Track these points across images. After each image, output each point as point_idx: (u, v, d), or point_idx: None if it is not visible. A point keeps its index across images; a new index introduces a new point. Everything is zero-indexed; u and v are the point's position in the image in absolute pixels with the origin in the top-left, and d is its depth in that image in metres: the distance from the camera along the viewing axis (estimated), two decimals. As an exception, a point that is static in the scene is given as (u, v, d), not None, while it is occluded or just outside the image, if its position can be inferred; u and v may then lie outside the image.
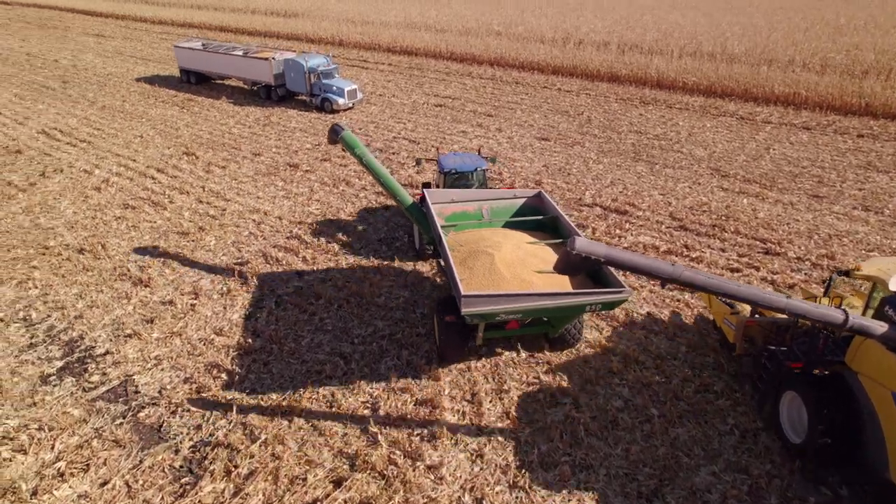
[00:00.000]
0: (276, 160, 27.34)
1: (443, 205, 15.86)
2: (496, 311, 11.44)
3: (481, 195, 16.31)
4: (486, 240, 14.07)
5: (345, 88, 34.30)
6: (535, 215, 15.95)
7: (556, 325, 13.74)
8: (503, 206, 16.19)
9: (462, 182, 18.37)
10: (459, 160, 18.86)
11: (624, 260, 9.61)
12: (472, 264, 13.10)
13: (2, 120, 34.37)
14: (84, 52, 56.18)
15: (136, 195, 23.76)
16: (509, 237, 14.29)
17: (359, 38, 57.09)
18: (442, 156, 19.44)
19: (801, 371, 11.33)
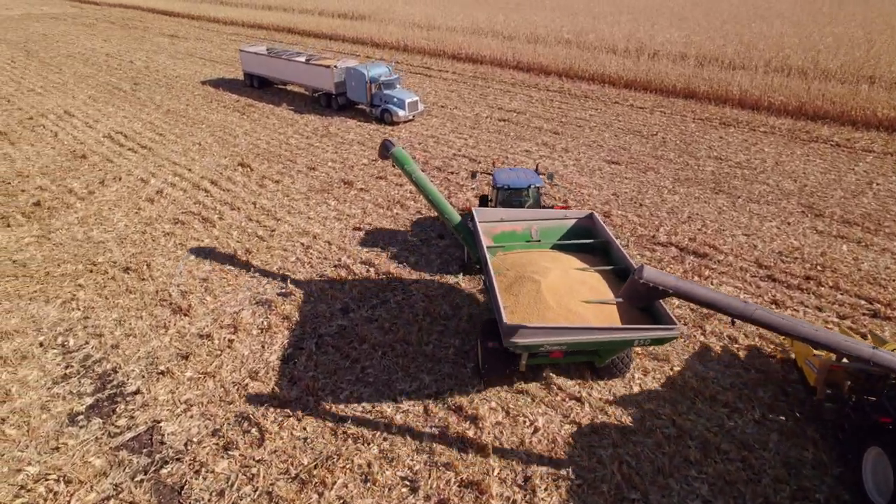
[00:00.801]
0: (330, 176, 26.39)
1: (491, 224, 15.64)
2: (539, 344, 11.13)
3: (530, 215, 15.94)
4: (533, 264, 13.65)
5: (406, 100, 33.13)
6: (585, 238, 15.59)
7: (602, 356, 13.15)
8: (553, 226, 15.83)
9: (515, 199, 18.07)
10: (514, 175, 18.50)
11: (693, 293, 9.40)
12: (518, 291, 12.75)
13: (74, 122, 35.00)
14: (157, 54, 57.50)
15: (187, 209, 23.24)
16: (557, 262, 13.84)
17: (424, 44, 56.03)
18: (497, 170, 19.05)
19: (891, 426, 10.30)
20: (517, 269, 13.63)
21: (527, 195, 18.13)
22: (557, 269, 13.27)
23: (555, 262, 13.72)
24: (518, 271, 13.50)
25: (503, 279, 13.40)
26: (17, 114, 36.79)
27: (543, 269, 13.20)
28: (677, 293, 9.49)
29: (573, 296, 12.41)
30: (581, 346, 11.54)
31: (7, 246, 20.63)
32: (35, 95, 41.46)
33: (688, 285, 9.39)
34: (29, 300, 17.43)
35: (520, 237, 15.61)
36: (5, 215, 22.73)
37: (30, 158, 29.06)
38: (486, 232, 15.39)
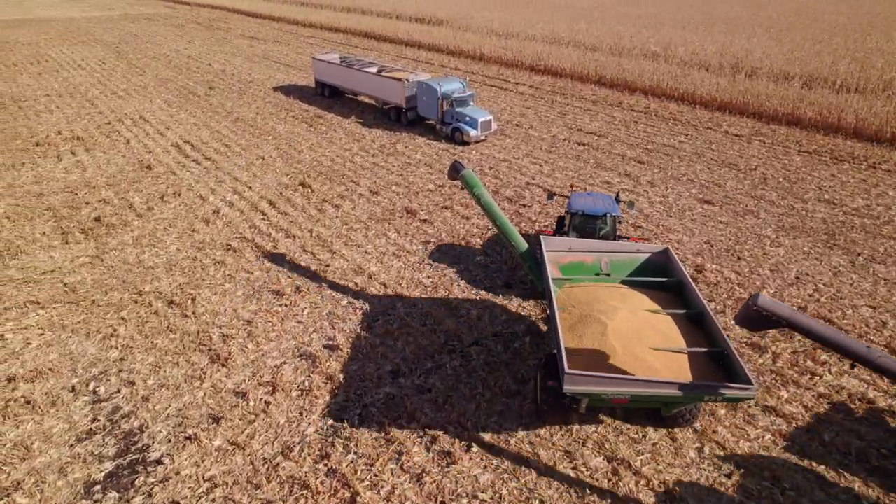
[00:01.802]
0: (393, 202, 24.71)
1: (559, 253, 15.17)
2: (601, 393, 10.66)
3: (602, 246, 15.33)
4: (601, 302, 13.11)
5: (478, 119, 31.10)
6: (659, 275, 14.82)
7: (669, 407, 12.16)
8: (625, 260, 15.16)
9: (588, 226, 17.43)
10: (590, 202, 17.81)
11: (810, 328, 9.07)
12: (582, 332, 12.33)
13: (147, 129, 35.09)
14: (235, 56, 58.08)
15: (241, 233, 22.13)
16: (627, 300, 13.25)
17: (501, 53, 53.82)
18: (574, 193, 18.49)
19: None
20: (583, 307, 13.10)
21: (602, 223, 17.36)
22: (626, 309, 12.70)
23: (624, 301, 13.12)
24: (584, 309, 12.98)
25: (567, 317, 12.92)
26: (98, 118, 37.34)
27: (611, 309, 12.65)
28: (791, 325, 9.22)
29: (641, 341, 11.82)
30: (647, 398, 11.00)
31: (62, 266, 20.09)
32: (117, 99, 42.22)
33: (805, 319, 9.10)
34: (71, 332, 16.60)
35: (589, 269, 15.03)
36: (66, 231, 22.36)
37: (100, 167, 29.02)
38: (553, 261, 14.90)
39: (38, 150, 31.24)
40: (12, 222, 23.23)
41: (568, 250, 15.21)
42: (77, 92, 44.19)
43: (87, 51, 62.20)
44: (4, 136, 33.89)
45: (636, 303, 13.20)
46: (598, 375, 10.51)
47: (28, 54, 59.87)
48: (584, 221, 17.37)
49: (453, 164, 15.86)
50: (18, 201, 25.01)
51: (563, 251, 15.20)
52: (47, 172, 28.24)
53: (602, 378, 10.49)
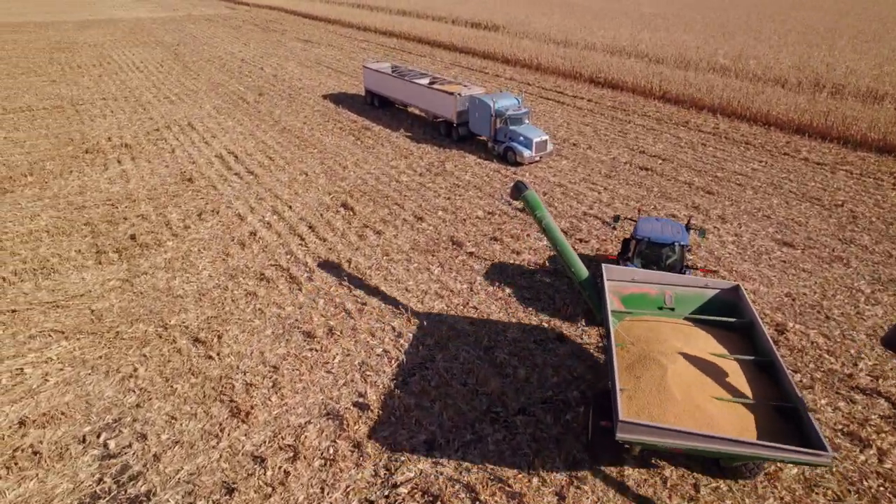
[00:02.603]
0: (438, 230, 23.06)
1: (621, 283, 14.47)
2: (656, 444, 10.13)
3: (667, 278, 14.46)
4: (662, 341, 12.29)
5: (533, 139, 29.12)
6: (728, 314, 13.94)
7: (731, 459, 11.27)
8: (691, 294, 14.29)
9: (654, 254, 16.65)
10: (658, 228, 17.05)
11: None
12: (640, 373, 11.60)
13: (193, 137, 34.63)
14: (288, 60, 57.75)
15: (276, 260, 20.91)
16: (690, 341, 12.42)
17: (559, 63, 51.52)
18: (641, 218, 17.72)
19: None
20: (643, 345, 12.38)
21: (669, 252, 16.60)
22: (690, 351, 11.93)
23: (687, 342, 12.32)
24: (644, 348, 12.26)
25: (625, 355, 12.26)
26: (148, 124, 37.19)
27: (672, 351, 11.89)
28: None
29: (703, 388, 11.10)
30: (706, 453, 10.39)
31: (92, 289, 19.31)
32: (168, 104, 42.17)
33: None
34: (90, 369, 15.62)
35: (651, 302, 14.26)
36: (101, 249, 21.66)
37: (143, 177, 28.51)
38: (614, 291, 14.28)
39: (87, 158, 31.05)
40: (51, 237, 22.73)
41: (630, 280, 14.45)
42: (132, 96, 44.44)
43: (147, 52, 63.19)
44: (58, 141, 33.99)
45: (700, 344, 12.38)
46: (653, 426, 10.00)
47: (92, 55, 61.21)
48: (651, 249, 16.64)
49: (516, 183, 15.22)
50: (61, 213, 24.58)
51: (624, 281, 14.45)
52: (92, 182, 27.88)
53: (658, 429, 9.98)
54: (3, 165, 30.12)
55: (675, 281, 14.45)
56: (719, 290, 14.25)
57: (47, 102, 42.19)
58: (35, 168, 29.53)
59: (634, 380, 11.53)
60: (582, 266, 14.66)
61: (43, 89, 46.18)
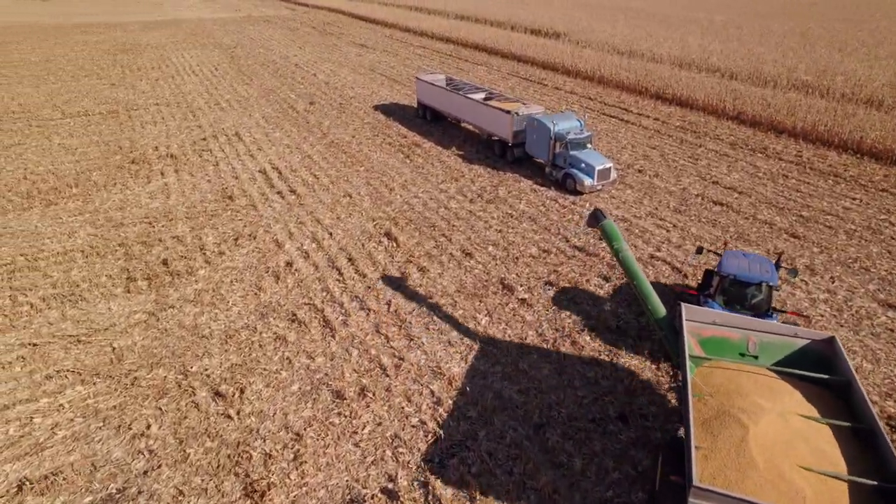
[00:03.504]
0: (488, 270, 21.02)
1: (700, 325, 13.42)
2: None
3: (752, 323, 13.24)
4: (744, 395, 11.17)
5: (595, 167, 26.67)
6: (820, 368, 12.44)
7: None
8: (778, 343, 12.98)
9: (739, 294, 15.52)
10: (745, 265, 15.82)
11: None
12: (718, 431, 10.54)
13: (239, 149, 33.73)
14: (342, 67, 56.79)
15: (311, 298, 19.32)
16: (777, 398, 11.12)
17: (623, 76, 48.53)
18: (727, 252, 16.51)
19: None
20: (722, 398, 11.28)
21: (756, 291, 15.45)
22: (775, 410, 10.73)
23: (773, 399, 11.09)
24: (723, 401, 11.17)
25: (702, 408, 11.21)
26: (195, 132, 36.58)
27: (755, 408, 10.74)
28: None
29: (790, 455, 9.89)
30: None
31: (117, 322, 18.20)
32: (219, 111, 41.63)
33: None
34: (102, 423, 14.36)
35: (733, 347, 13.12)
36: (131, 276, 20.63)
37: (184, 193, 27.60)
38: (692, 333, 13.22)
39: (132, 169, 30.47)
40: (85, 258, 21.90)
41: (711, 323, 13.43)
42: (184, 101, 44.18)
43: (205, 55, 63.53)
44: (108, 149, 33.69)
45: (787, 402, 11.14)
46: (731, 496, 8.93)
47: (153, 58, 61.95)
48: (735, 287, 15.56)
49: (594, 211, 14.76)
50: (98, 231, 23.80)
51: (705, 323, 13.43)
52: (133, 196, 27.14)
53: (736, 500, 8.90)
54: (53, 175, 29.85)
55: (760, 327, 13.22)
56: (811, 340, 12.82)
57: (103, 107, 42.33)
58: (81, 179, 29.09)
59: (711, 437, 10.49)
60: (660, 304, 13.85)
61: (101, 93, 46.54)
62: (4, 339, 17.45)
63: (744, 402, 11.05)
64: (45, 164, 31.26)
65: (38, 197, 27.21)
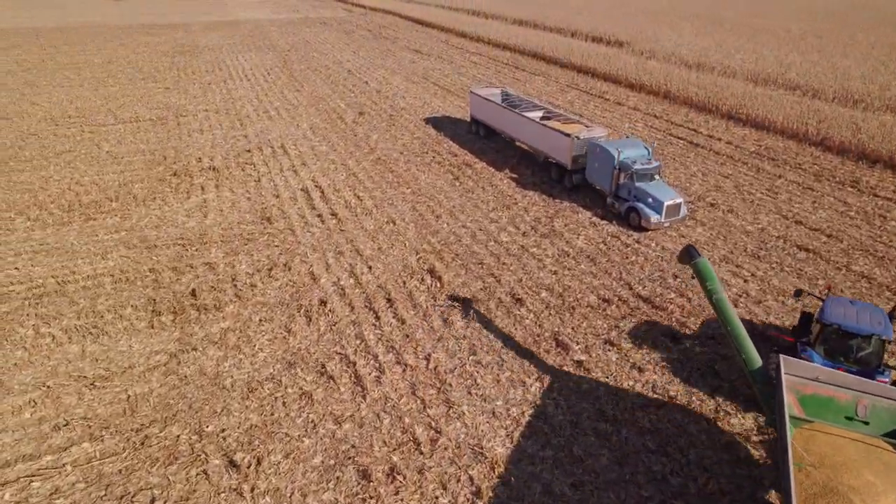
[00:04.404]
0: (540, 320, 18.84)
1: (802, 380, 12.22)
2: None
3: (864, 384, 11.87)
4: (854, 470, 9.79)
5: (664, 202, 24.03)
6: None
7: None
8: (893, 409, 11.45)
9: (843, 346, 13.88)
10: (853, 314, 14.07)
11: None
12: None
13: (283, 163, 32.58)
14: (395, 74, 55.39)
15: (343, 347, 17.60)
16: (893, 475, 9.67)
17: (692, 92, 45.18)
18: (830, 298, 14.89)
19: None
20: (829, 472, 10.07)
21: (864, 345, 13.71)
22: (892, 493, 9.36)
23: (888, 477, 9.69)
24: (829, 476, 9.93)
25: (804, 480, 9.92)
26: (241, 143, 35.69)
27: (869, 489, 9.36)
28: None
29: None
30: None
31: (135, 364, 16.96)
32: (267, 119, 40.77)
33: None
34: (104, 491, 13.00)
35: (839, 409, 11.94)
36: (157, 309, 19.41)
37: (222, 211, 26.48)
38: (791, 389, 12.16)
39: (173, 182, 29.65)
40: (114, 283, 20.91)
41: (814, 379, 12.31)
42: (233, 108, 43.57)
43: (259, 58, 63.35)
44: (153, 158, 33.12)
45: None
46: None
47: (208, 61, 62.16)
48: (839, 338, 13.92)
49: (687, 247, 13.94)
50: (130, 253, 22.83)
51: (806, 378, 12.31)
52: (171, 214, 26.18)
53: None
54: (96, 186, 29.34)
55: (874, 388, 11.93)
56: None
57: (154, 113, 42.12)
58: (122, 192, 28.40)
59: None
60: (756, 354, 12.84)
61: (154, 98, 46.51)
62: (21, 377, 16.43)
63: (855, 479, 9.94)
64: (90, 174, 30.81)
65: (78, 210, 26.61)
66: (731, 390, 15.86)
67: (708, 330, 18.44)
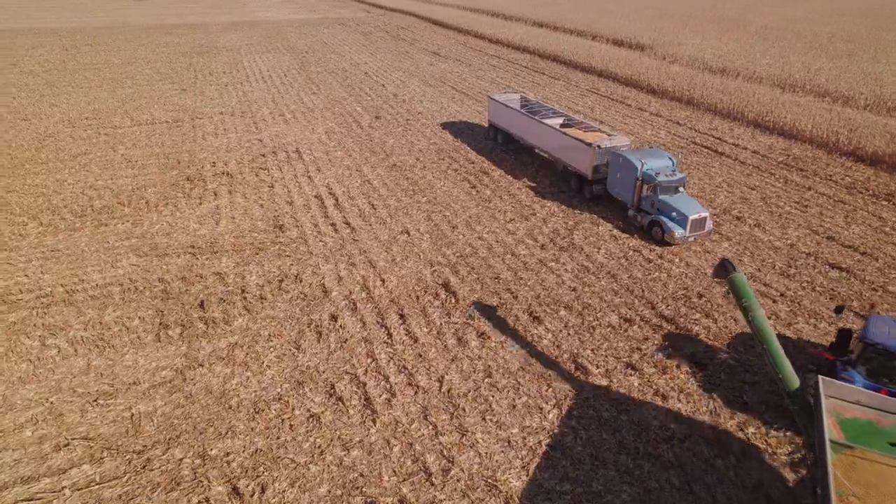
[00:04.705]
0: (558, 342, 18.07)
1: (842, 403, 11.71)
2: None
3: None
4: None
5: (689, 216, 23.11)
6: None
7: None
8: None
9: (888, 367, 13.36)
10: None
11: None
12: None
13: (298, 168, 32.15)
14: (412, 77, 54.81)
15: (353, 366, 16.99)
16: None
17: (716, 99, 43.98)
18: (872, 316, 14.67)
19: None
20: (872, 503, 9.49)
21: None
22: None
23: None
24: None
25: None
26: (255, 147, 35.33)
27: None
28: None
29: None
30: None
31: (141, 380, 16.53)
32: (282, 123, 40.41)
33: None
34: (102, 517, 12.40)
35: (883, 435, 11.27)
36: (164, 321, 18.98)
37: (234, 219, 26.07)
38: (832, 412, 11.62)
39: (186, 188, 29.32)
40: (123, 293, 20.58)
41: (854, 402, 11.89)
42: (249, 111, 43.28)
43: (276, 59, 63.17)
44: (167, 162, 32.86)
45: None
46: None
47: (226, 62, 62.12)
48: (882, 359, 13.50)
49: (722, 261, 13.49)
50: (141, 261, 22.50)
51: (847, 401, 11.91)
52: (182, 220, 25.84)
53: None
54: (109, 190, 29.12)
55: None
56: None
57: (170, 115, 41.97)
58: (134, 197, 28.14)
59: None
60: (794, 374, 12.53)
61: (171, 99, 46.41)
62: (24, 392, 16.07)
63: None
64: (104, 178, 30.62)
65: (90, 216, 26.37)
66: (762, 421, 14.98)
67: (735, 354, 17.54)
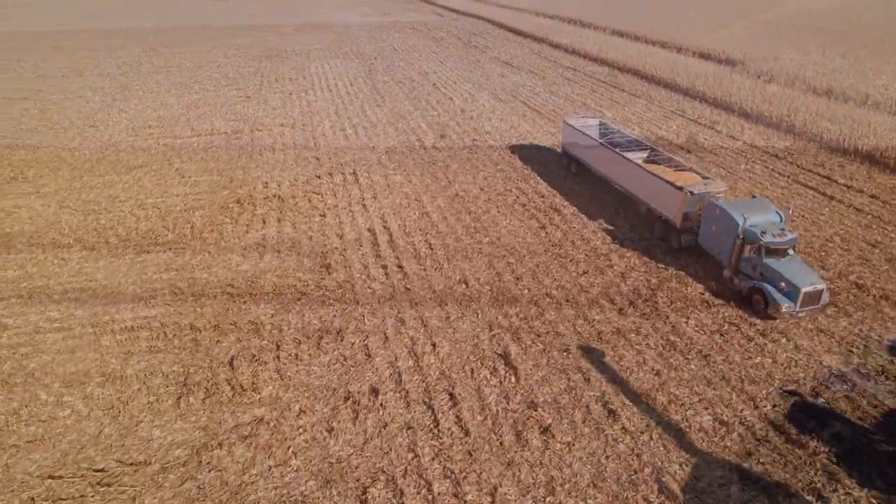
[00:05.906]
0: (639, 448, 14.88)
1: None
2: None
3: None
4: None
5: (801, 289, 19.19)
6: None
7: None
8: None
9: None
10: None
11: None
12: None
13: (353, 194, 30.07)
14: (482, 90, 52.06)
15: (392, 463, 14.41)
16: None
17: (823, 128, 38.70)
18: None
19: None
20: None
21: None
22: None
23: None
24: None
25: None
26: (311, 167, 33.57)
27: None
28: None
29: None
30: None
31: (151, 460, 14.57)
32: (343, 139, 38.63)
33: None
34: None
35: None
36: (189, 382, 17.01)
37: (279, 253, 24.18)
38: None
39: (234, 211, 27.75)
40: (148, 342, 18.88)
41: None
42: (310, 123, 41.77)
43: (344, 66, 61.88)
44: (220, 180, 31.55)
45: None
46: None
47: (293, 67, 61.34)
48: None
49: None
50: (174, 301, 20.82)
51: None
52: (226, 252, 24.14)
53: None
54: (156, 210, 27.96)
55: None
56: None
57: (230, 125, 41.02)
58: (179, 221, 26.77)
59: None
60: None
61: (233, 108, 45.62)
62: (25, 466, 14.42)
63: None
64: (154, 196, 29.54)
65: (133, 241, 25.18)
66: None
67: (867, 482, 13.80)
